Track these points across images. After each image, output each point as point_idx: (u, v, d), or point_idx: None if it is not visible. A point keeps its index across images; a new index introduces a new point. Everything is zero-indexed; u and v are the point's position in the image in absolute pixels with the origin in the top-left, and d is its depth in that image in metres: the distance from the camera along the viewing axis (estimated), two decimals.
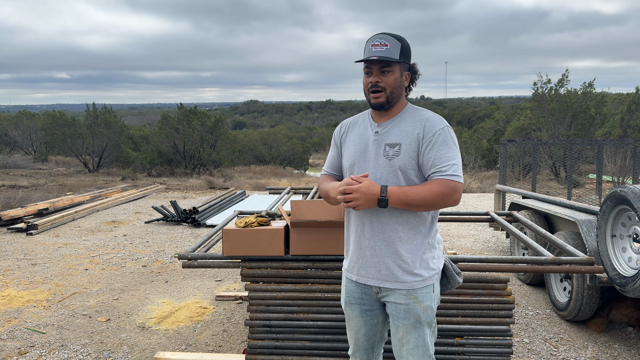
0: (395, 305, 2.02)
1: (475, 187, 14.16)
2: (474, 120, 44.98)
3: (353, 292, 2.12)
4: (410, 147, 1.95)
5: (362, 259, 2.04)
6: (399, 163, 1.95)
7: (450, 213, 4.55)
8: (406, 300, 1.99)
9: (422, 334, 2.02)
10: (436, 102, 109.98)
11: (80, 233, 7.87)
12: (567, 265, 2.92)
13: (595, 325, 3.94)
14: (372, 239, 2.00)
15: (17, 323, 4.16)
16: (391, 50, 1.94)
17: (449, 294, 2.96)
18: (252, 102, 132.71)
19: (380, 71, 1.96)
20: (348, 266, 2.13)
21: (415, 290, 1.99)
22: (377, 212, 1.98)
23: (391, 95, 1.98)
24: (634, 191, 3.17)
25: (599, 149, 7.63)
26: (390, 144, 1.98)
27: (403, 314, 2.00)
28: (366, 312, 2.11)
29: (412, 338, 2.01)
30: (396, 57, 1.94)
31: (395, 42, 1.95)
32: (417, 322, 2.00)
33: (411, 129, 1.97)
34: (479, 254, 5.82)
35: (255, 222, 3.04)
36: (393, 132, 1.99)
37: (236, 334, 3.91)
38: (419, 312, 1.99)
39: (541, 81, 18.48)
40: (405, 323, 2.01)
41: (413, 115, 2.01)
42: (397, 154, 1.95)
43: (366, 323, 2.13)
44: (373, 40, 1.96)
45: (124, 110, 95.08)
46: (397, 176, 1.95)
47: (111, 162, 22.27)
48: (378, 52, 1.93)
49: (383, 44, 1.93)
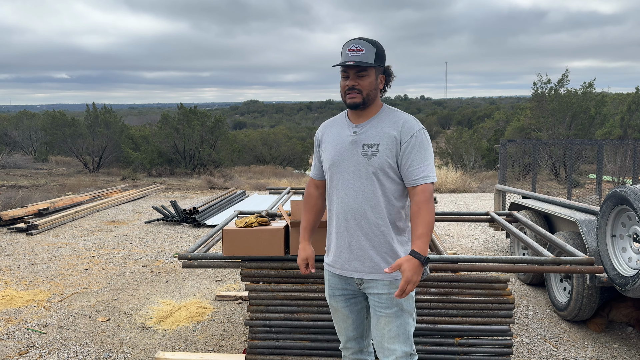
0: (378, 296, 2.10)
1: (475, 187, 14.16)
2: (474, 120, 45.00)
3: (336, 284, 2.21)
4: (387, 147, 2.06)
5: (347, 252, 2.13)
6: (377, 162, 2.06)
7: (450, 213, 4.55)
8: (389, 290, 2.09)
9: (404, 322, 2.10)
10: (436, 102, 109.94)
11: (81, 233, 7.87)
12: (567, 265, 2.93)
13: (595, 325, 3.94)
14: (357, 234, 2.10)
15: (17, 323, 4.16)
16: (366, 55, 2.02)
17: (449, 293, 2.97)
18: (252, 102, 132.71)
19: (356, 75, 2.05)
20: (331, 261, 2.21)
21: (396, 280, 2.09)
22: (361, 207, 2.08)
23: (367, 97, 2.07)
24: (634, 191, 3.17)
25: (599, 149, 7.63)
26: (368, 144, 2.08)
27: (386, 303, 2.09)
28: (350, 299, 2.21)
29: (393, 327, 2.09)
30: (371, 62, 2.03)
31: (370, 47, 2.03)
32: (399, 310, 2.09)
33: (387, 130, 2.08)
34: (479, 254, 5.82)
35: (255, 222, 3.04)
36: (370, 132, 2.09)
37: (236, 334, 3.91)
38: (401, 301, 2.09)
39: (541, 81, 18.48)
40: (387, 312, 2.09)
41: (389, 117, 2.12)
42: (375, 154, 2.06)
43: (352, 311, 2.22)
44: (349, 45, 2.04)
45: (124, 110, 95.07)
46: (375, 174, 2.07)
47: (111, 162, 22.25)
48: (354, 57, 2.02)
49: (359, 49, 2.02)
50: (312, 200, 2.35)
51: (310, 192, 2.36)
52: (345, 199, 2.10)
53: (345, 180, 2.11)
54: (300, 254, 2.31)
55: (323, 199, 2.35)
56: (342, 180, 2.12)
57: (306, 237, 2.34)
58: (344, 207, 2.11)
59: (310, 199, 2.35)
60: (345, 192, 2.11)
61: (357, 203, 2.08)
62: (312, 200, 2.35)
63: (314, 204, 2.35)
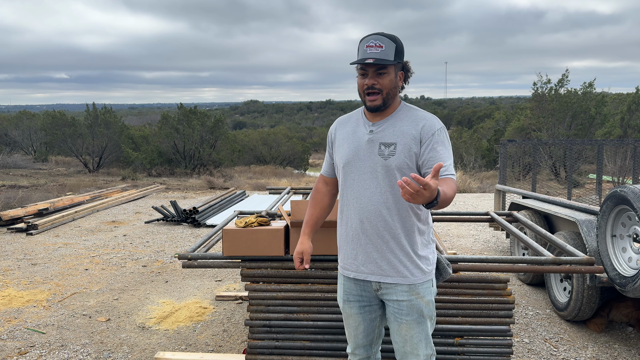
0: (398, 303, 2.03)
1: (475, 187, 14.16)
2: (474, 120, 44.96)
3: (351, 289, 2.13)
4: (405, 147, 1.96)
5: (362, 255, 2.05)
6: (395, 162, 1.96)
7: (450, 213, 4.55)
8: (408, 297, 2.01)
9: (425, 328, 2.05)
10: (436, 102, 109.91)
11: (80, 233, 7.87)
12: (567, 265, 2.93)
13: (595, 325, 3.94)
14: (373, 236, 2.02)
15: (17, 323, 4.16)
16: (386, 51, 1.92)
17: (449, 293, 2.97)
18: (252, 102, 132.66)
19: (376, 73, 1.95)
20: (345, 264, 2.13)
21: (416, 286, 2.02)
22: (377, 209, 2.00)
23: (387, 97, 1.98)
24: (634, 191, 3.17)
25: (599, 149, 7.64)
26: (386, 143, 1.99)
27: (406, 310, 2.02)
28: (364, 307, 2.13)
29: (415, 333, 2.03)
30: (391, 59, 1.93)
31: (390, 43, 1.93)
32: (420, 316, 2.03)
33: (407, 129, 1.98)
34: (479, 254, 5.82)
35: (255, 222, 3.04)
36: (388, 131, 2.00)
37: (236, 334, 3.91)
38: (421, 307, 2.02)
39: (541, 81, 18.49)
40: (408, 319, 2.03)
41: (408, 115, 2.02)
42: (393, 154, 1.97)
43: (365, 319, 2.14)
44: (368, 41, 1.94)
45: (124, 110, 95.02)
46: (392, 175, 1.97)
47: (111, 162, 22.25)
48: (373, 53, 1.92)
49: (378, 45, 1.92)
50: (319, 195, 2.28)
51: (318, 187, 2.29)
52: (361, 201, 2.02)
53: (361, 181, 2.02)
54: (297, 248, 2.23)
55: (330, 195, 2.29)
56: (357, 180, 2.03)
57: (306, 231, 2.25)
58: (359, 208, 2.03)
59: (317, 194, 2.28)
60: (360, 194, 2.02)
61: (374, 205, 2.00)
62: (319, 196, 2.28)
63: (320, 199, 2.27)
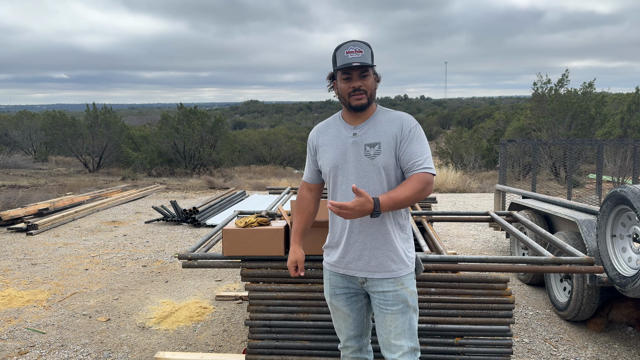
0: (383, 294, 2.12)
1: (475, 187, 14.15)
2: (474, 120, 44.96)
3: (338, 282, 2.23)
4: (389, 145, 2.09)
5: (352, 253, 2.15)
6: (381, 161, 2.08)
7: (450, 213, 4.55)
8: (394, 287, 2.11)
9: (409, 318, 2.13)
10: (436, 102, 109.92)
11: (81, 233, 7.87)
12: (567, 265, 2.93)
13: (595, 325, 3.94)
14: (362, 234, 2.12)
15: (17, 323, 4.16)
16: (366, 56, 2.06)
17: (449, 293, 2.98)
18: (252, 102, 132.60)
19: (360, 76, 2.07)
20: (334, 261, 2.22)
21: (401, 278, 2.13)
22: None
23: (371, 97, 2.11)
24: (634, 191, 3.17)
25: (599, 149, 7.63)
26: (370, 144, 2.10)
27: (392, 300, 2.11)
28: (351, 297, 2.22)
29: (399, 323, 2.11)
30: (371, 62, 2.08)
31: (367, 48, 2.07)
32: (405, 306, 2.12)
33: (387, 129, 2.11)
34: (479, 254, 5.82)
35: (255, 222, 3.04)
36: (370, 132, 2.12)
37: (236, 334, 3.91)
38: (406, 297, 2.12)
39: (541, 81, 18.48)
40: (393, 309, 2.11)
41: (386, 116, 2.15)
42: (378, 153, 2.09)
43: (353, 309, 2.24)
44: (347, 48, 2.06)
45: (124, 110, 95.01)
46: (380, 173, 2.09)
47: (111, 162, 22.24)
48: (356, 58, 2.04)
49: (358, 51, 2.05)
50: (304, 202, 2.35)
51: (302, 194, 2.36)
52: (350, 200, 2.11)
53: (349, 182, 2.11)
54: (290, 257, 2.33)
55: (315, 202, 2.36)
56: (345, 182, 2.13)
57: (297, 239, 2.35)
58: None
59: (302, 201, 2.36)
60: (349, 194, 2.10)
61: None
62: (304, 203, 2.35)
63: (306, 206, 2.35)
